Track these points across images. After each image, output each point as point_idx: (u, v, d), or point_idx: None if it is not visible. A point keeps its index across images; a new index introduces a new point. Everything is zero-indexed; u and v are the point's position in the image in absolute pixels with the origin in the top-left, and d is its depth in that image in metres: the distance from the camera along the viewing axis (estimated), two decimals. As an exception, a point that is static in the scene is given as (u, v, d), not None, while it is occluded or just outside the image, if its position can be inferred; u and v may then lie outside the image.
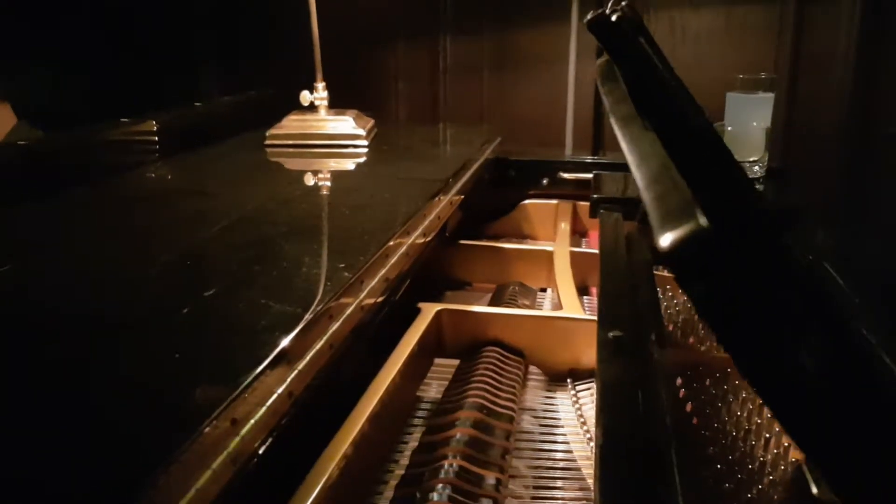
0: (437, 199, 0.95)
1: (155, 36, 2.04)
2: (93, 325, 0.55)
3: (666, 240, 0.22)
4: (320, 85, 1.30)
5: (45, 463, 0.37)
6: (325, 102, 1.31)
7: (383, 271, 0.72)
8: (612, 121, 0.42)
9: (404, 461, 0.71)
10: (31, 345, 0.52)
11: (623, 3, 0.49)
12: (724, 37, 1.73)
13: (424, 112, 2.05)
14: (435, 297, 1.12)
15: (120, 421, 0.41)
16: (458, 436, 0.70)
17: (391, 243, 0.75)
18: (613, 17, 0.46)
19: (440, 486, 0.62)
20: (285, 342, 0.50)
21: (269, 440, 0.48)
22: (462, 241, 1.19)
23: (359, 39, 2.02)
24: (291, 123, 1.28)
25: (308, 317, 0.54)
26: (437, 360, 0.91)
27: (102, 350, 0.51)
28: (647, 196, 0.27)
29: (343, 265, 0.66)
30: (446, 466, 0.65)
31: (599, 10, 0.47)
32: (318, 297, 0.59)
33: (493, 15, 1.95)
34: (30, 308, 0.60)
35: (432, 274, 1.15)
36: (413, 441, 0.74)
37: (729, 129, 1.24)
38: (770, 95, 1.27)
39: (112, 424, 0.41)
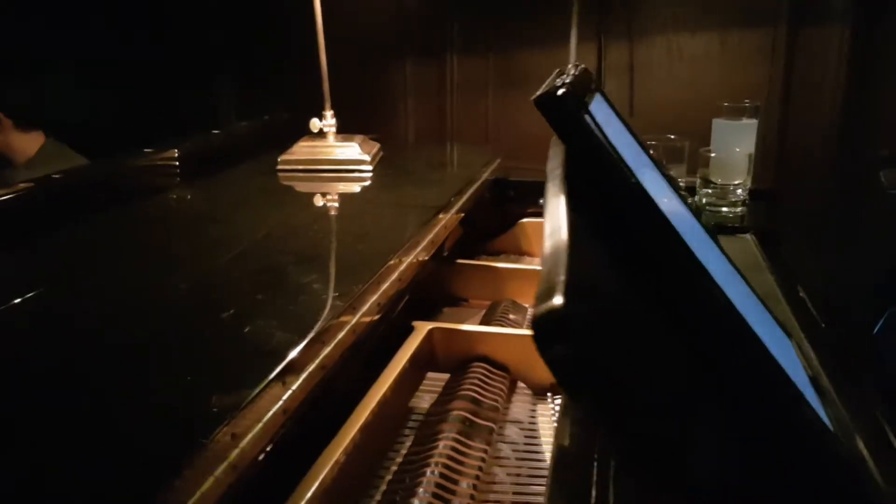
0: (430, 225, 1.04)
1: (176, 57, 2.15)
2: (108, 347, 0.64)
3: (535, 313, 0.30)
4: (329, 113, 1.39)
5: (69, 471, 0.46)
6: (334, 129, 1.40)
7: (374, 297, 0.80)
8: (546, 185, 0.50)
9: (395, 467, 0.79)
10: (51, 363, 0.61)
11: (570, 80, 0.57)
12: (719, 59, 1.79)
13: (433, 128, 2.13)
14: (433, 314, 1.20)
15: (135, 434, 0.50)
16: (441, 445, 0.78)
17: (382, 271, 0.83)
18: (559, 93, 0.54)
19: (421, 490, 0.70)
20: (280, 367, 0.58)
21: (267, 448, 0.56)
22: (459, 261, 1.27)
23: (370, 58, 2.11)
24: (301, 149, 1.37)
25: (302, 344, 0.62)
26: (430, 374, 0.99)
27: (119, 369, 0.60)
28: (542, 269, 0.35)
29: (337, 294, 0.74)
30: (428, 473, 0.73)
31: (548, 87, 0.55)
32: (313, 323, 0.68)
33: (498, 35, 2.03)
34: (48, 330, 0.70)
35: (431, 292, 1.23)
36: (404, 449, 0.82)
37: (713, 155, 1.31)
38: (753, 122, 1.34)
39: (128, 437, 0.50)
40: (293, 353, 0.61)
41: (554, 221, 0.42)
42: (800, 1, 1.64)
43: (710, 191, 1.32)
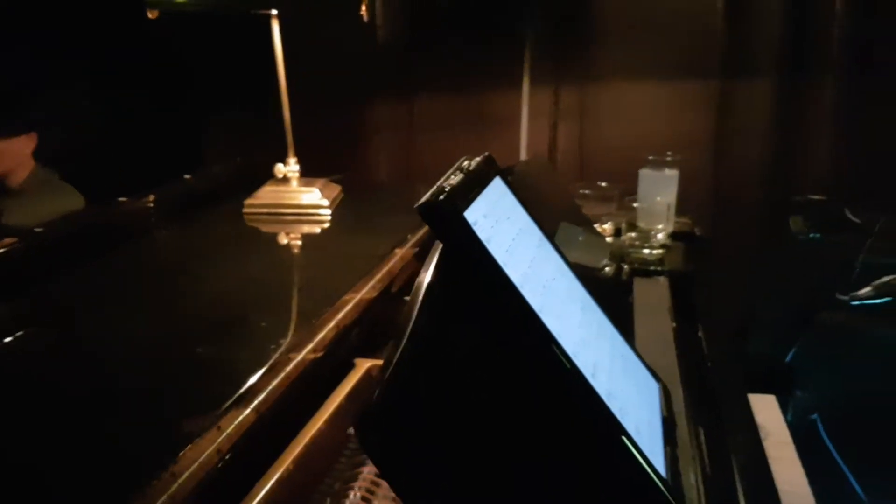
0: (368, 276, 1.17)
1: (167, 96, 2.29)
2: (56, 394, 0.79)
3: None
4: (292, 160, 1.53)
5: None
6: (297, 174, 1.54)
7: (311, 345, 0.94)
8: (417, 281, 0.63)
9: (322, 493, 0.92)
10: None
11: (452, 184, 0.69)
12: (663, 108, 1.94)
13: (400, 164, 2.28)
14: (383, 349, 1.33)
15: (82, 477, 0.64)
16: (365, 471, 0.91)
17: (317, 323, 0.97)
18: (441, 198, 0.67)
19: (341, 512, 0.83)
20: (215, 414, 0.72)
21: (206, 478, 0.69)
22: (406, 298, 1.40)
23: (342, 97, 2.25)
24: (266, 194, 1.51)
25: (234, 396, 0.76)
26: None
27: (64, 415, 0.74)
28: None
29: (273, 346, 0.88)
30: (351, 497, 0.86)
31: (430, 194, 0.68)
32: (247, 376, 0.81)
33: (459, 78, 2.18)
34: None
35: (380, 328, 1.37)
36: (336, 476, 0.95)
37: (635, 205, 1.46)
38: (675, 173, 1.48)
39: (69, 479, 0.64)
40: (226, 405, 0.74)
41: (407, 313, 0.55)
42: (729, 57, 1.79)
43: (634, 234, 1.46)
